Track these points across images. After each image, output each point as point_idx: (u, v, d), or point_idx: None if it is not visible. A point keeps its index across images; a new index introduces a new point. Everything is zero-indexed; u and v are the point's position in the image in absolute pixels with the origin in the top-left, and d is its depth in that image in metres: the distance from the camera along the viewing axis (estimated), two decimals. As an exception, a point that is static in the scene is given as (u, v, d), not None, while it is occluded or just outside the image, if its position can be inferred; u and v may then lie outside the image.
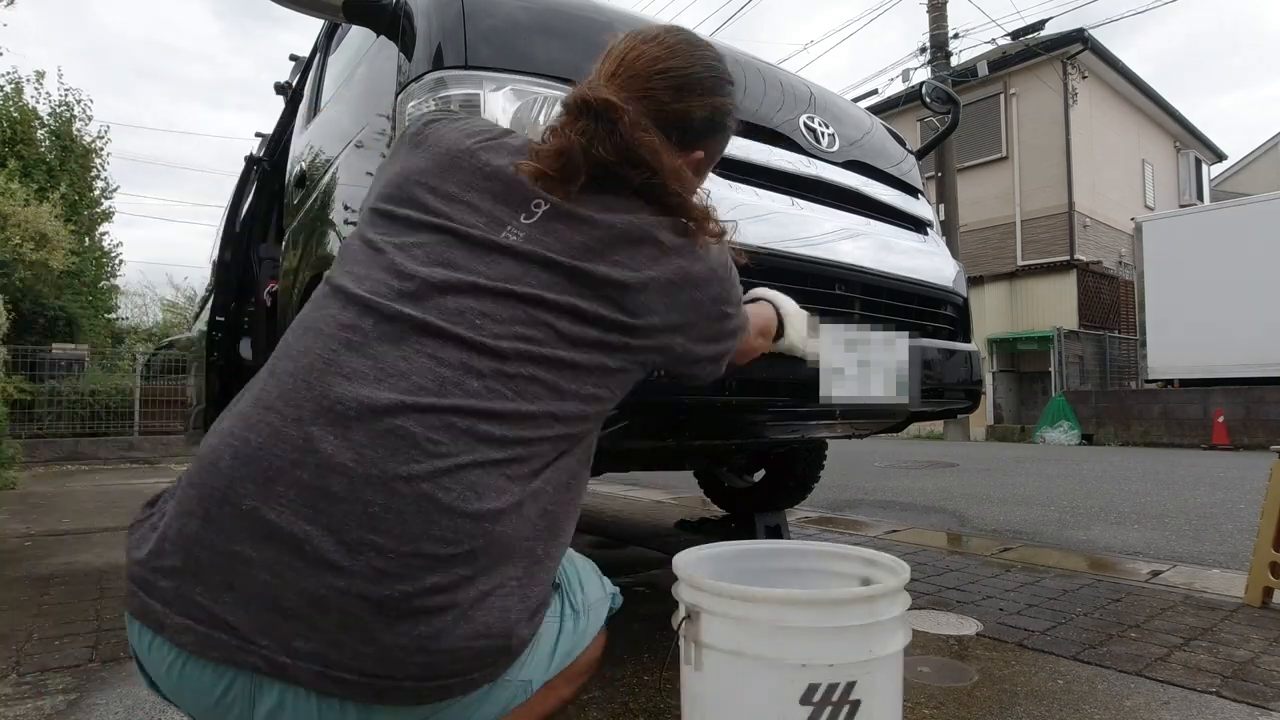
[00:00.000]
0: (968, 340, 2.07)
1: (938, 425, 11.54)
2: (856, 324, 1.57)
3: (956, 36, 11.42)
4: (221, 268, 3.93)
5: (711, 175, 1.48)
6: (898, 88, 12.64)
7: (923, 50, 11.52)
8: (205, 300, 4.53)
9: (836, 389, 1.49)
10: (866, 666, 0.85)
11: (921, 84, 2.53)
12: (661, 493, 4.48)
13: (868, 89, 14.31)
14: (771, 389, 1.48)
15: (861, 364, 1.53)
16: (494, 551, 0.70)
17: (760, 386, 1.46)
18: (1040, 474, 5.83)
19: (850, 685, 0.84)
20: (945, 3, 11.35)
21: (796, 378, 1.47)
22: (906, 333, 1.65)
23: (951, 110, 2.43)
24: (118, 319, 16.78)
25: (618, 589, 0.94)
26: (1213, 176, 18.74)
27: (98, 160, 13.81)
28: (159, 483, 5.94)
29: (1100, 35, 12.88)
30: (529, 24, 1.47)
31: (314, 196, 2.17)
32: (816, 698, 0.83)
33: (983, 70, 12.21)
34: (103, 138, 13.90)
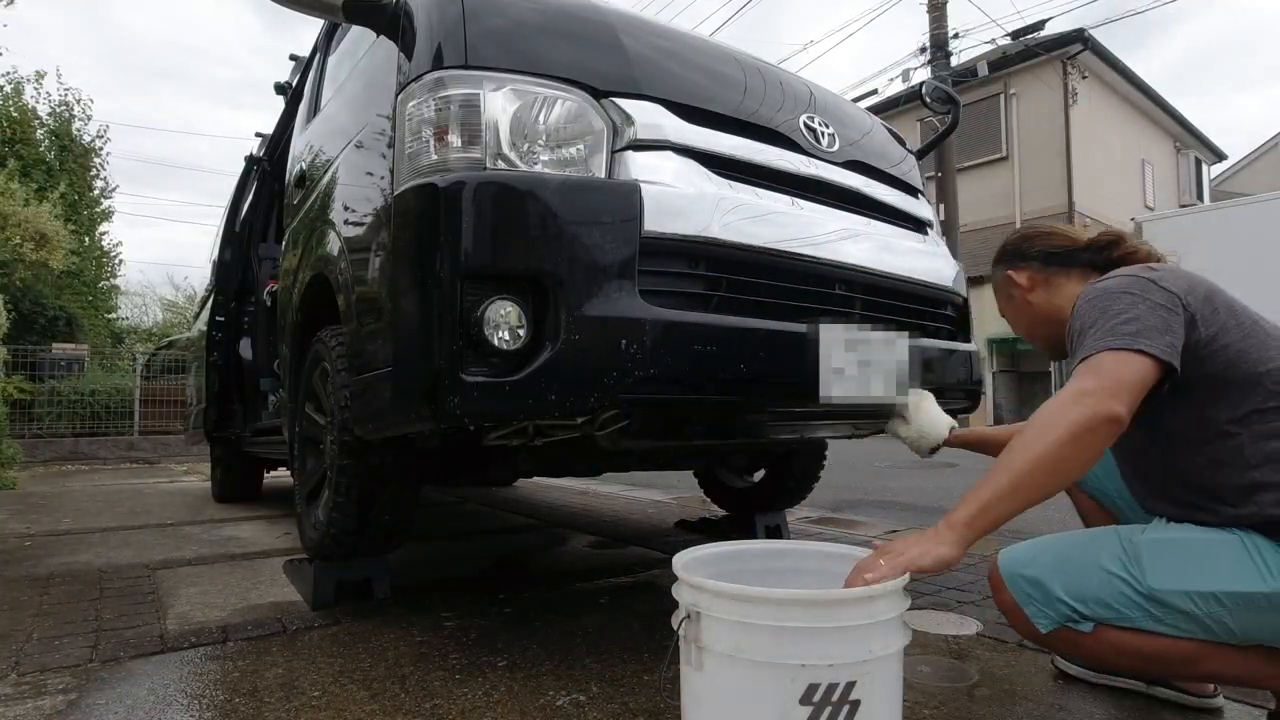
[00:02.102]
0: (968, 340, 2.07)
1: (938, 425, 11.52)
2: (857, 324, 1.57)
3: (956, 36, 11.41)
4: (221, 268, 3.93)
5: (711, 175, 1.49)
6: (898, 88, 12.65)
7: (923, 50, 11.51)
8: (205, 300, 4.53)
9: (836, 389, 1.49)
10: (866, 666, 0.86)
11: (921, 84, 2.53)
12: (661, 493, 4.48)
13: (868, 89, 14.30)
14: (771, 389, 1.48)
15: (861, 364, 1.53)
16: None
17: (759, 386, 1.46)
18: (1040, 474, 5.81)
19: (850, 685, 0.85)
20: (945, 3, 11.33)
21: (796, 378, 1.47)
22: (906, 333, 1.65)
23: (951, 110, 2.43)
24: (118, 319, 16.78)
25: None
26: (1213, 176, 18.74)
27: (97, 160, 13.82)
28: (159, 483, 5.95)
29: (1116, 35, 12.89)
30: (529, 24, 1.47)
31: (314, 196, 2.17)
32: (816, 698, 0.84)
33: (983, 70, 12.20)
34: (102, 137, 13.92)
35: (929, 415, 1.60)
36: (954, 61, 11.56)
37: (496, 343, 1.24)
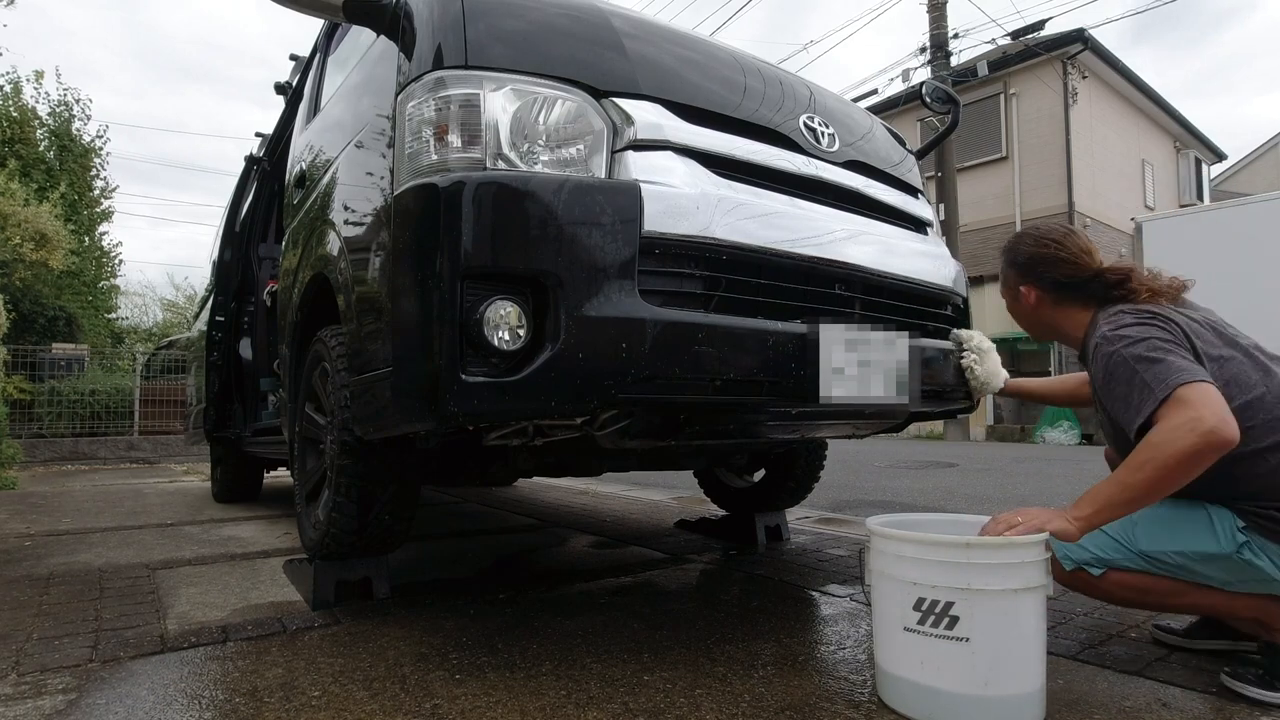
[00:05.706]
0: (968, 340, 2.07)
1: (938, 425, 11.55)
2: (857, 324, 1.57)
3: (956, 36, 11.43)
4: (221, 268, 3.93)
5: (711, 175, 1.49)
6: (898, 88, 12.67)
7: (923, 50, 11.53)
8: (205, 300, 4.53)
9: (837, 389, 1.49)
10: (966, 595, 1.16)
11: (921, 84, 2.52)
12: (661, 493, 4.49)
13: (868, 89, 14.31)
14: (771, 389, 1.48)
15: (862, 364, 1.53)
16: None
17: (759, 387, 1.46)
18: (1041, 474, 5.83)
19: (949, 605, 1.17)
20: (945, 3, 11.35)
21: (796, 378, 1.47)
22: (907, 333, 1.65)
23: (951, 110, 2.43)
24: (118, 319, 16.78)
25: None
26: (1213, 176, 18.75)
27: (97, 160, 13.82)
28: (159, 482, 5.95)
29: (1130, 35, 12.90)
30: (530, 23, 1.47)
31: (314, 196, 2.17)
32: (924, 607, 1.20)
33: (983, 70, 12.22)
34: (102, 137, 13.92)
35: (994, 362, 1.90)
36: (954, 61, 11.59)
37: (496, 343, 1.24)
